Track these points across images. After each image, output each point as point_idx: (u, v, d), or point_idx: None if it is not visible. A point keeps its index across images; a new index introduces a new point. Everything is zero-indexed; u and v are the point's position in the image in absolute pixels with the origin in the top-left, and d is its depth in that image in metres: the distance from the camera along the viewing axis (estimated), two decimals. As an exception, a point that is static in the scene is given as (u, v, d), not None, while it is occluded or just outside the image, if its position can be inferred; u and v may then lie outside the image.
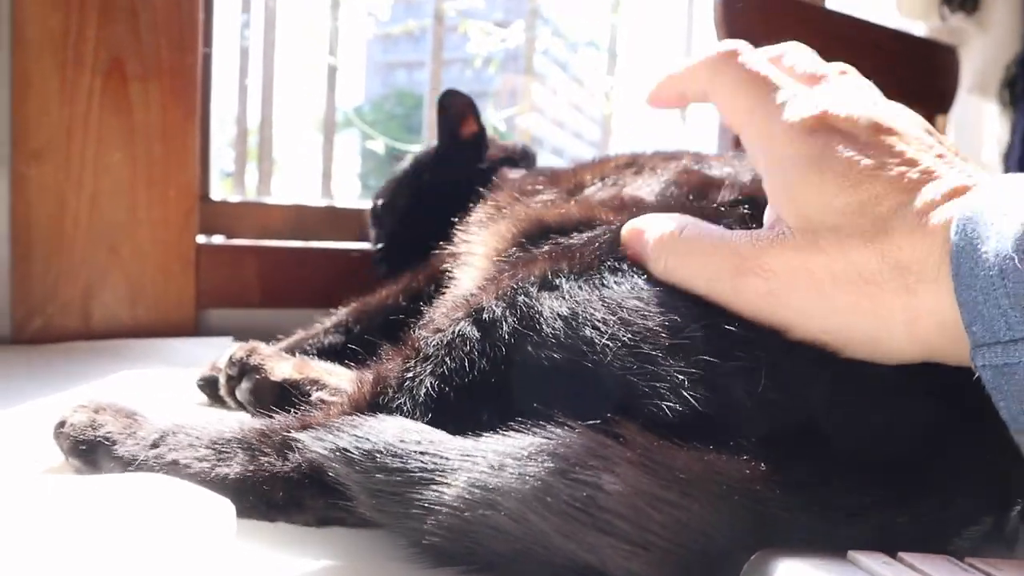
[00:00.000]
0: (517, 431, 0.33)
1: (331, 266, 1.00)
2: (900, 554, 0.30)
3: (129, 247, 0.88)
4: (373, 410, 0.39)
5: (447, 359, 0.39)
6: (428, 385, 0.39)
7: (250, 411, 0.58)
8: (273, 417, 0.42)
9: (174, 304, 0.91)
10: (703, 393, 0.34)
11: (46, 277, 0.84)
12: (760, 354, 0.34)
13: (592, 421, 0.33)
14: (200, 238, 0.94)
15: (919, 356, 0.34)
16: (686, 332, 0.35)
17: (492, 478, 0.31)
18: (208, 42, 0.98)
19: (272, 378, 0.59)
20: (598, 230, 0.44)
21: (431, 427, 0.36)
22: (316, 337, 0.74)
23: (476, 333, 0.39)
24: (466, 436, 0.34)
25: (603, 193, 0.55)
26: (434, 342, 0.40)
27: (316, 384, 0.58)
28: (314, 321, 0.76)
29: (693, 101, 0.43)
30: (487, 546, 0.31)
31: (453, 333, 0.40)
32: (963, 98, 1.55)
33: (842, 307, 0.34)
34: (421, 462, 0.33)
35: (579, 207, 0.49)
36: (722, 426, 0.33)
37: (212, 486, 0.39)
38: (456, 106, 0.89)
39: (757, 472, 0.31)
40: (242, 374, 0.60)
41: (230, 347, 0.62)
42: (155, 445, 0.42)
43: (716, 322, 0.35)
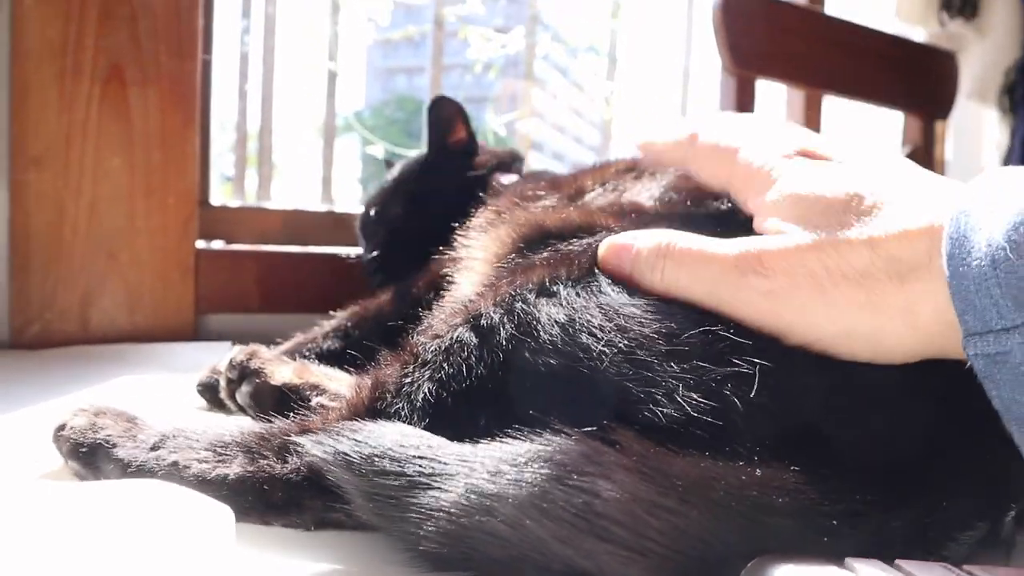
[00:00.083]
0: (514, 437, 0.33)
1: (330, 271, 0.99)
2: (897, 561, 0.30)
3: (128, 253, 0.87)
4: (372, 415, 0.39)
5: (445, 365, 0.39)
6: (426, 391, 0.39)
7: (250, 414, 0.59)
8: (272, 421, 0.42)
9: (173, 309, 0.90)
10: (699, 399, 0.34)
11: (45, 284, 0.84)
12: (756, 360, 0.34)
13: (589, 427, 0.33)
14: (199, 243, 0.94)
15: (921, 350, 0.34)
16: (682, 338, 0.35)
17: (489, 484, 0.31)
18: (208, 48, 0.98)
19: (272, 382, 0.59)
20: (598, 236, 0.44)
21: (429, 432, 0.36)
22: (315, 341, 0.74)
23: (474, 339, 0.39)
24: (464, 442, 0.34)
25: (603, 199, 0.55)
26: (432, 348, 0.40)
27: (316, 389, 0.58)
28: (313, 326, 0.76)
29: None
30: (484, 552, 0.31)
31: (451, 339, 0.40)
32: (962, 104, 1.55)
33: (842, 302, 0.34)
34: (419, 467, 0.33)
35: (579, 213, 0.49)
36: (719, 432, 0.33)
37: (212, 486, 0.39)
38: (445, 113, 0.88)
39: (754, 478, 0.31)
40: (242, 377, 0.60)
41: (230, 350, 0.62)
42: (155, 448, 0.42)
43: (712, 328, 0.36)
